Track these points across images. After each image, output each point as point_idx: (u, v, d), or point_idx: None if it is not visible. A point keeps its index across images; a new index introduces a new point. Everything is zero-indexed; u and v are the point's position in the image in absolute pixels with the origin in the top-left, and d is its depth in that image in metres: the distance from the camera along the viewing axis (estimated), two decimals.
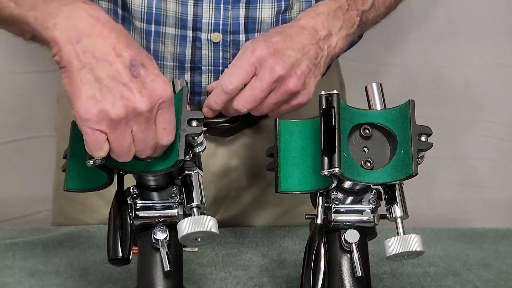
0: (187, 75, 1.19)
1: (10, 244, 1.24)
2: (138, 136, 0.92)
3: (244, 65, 1.08)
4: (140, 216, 1.02)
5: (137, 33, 1.17)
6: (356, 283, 1.00)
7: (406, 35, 1.77)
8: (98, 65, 0.91)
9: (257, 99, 1.09)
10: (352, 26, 1.15)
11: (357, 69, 1.73)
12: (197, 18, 1.15)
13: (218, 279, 1.19)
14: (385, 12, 1.23)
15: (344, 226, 1.02)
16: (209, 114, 1.12)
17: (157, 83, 0.92)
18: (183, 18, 1.15)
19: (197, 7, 1.14)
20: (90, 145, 0.91)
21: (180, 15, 1.14)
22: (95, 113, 0.90)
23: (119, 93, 0.90)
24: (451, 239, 1.31)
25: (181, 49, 1.17)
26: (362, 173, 0.98)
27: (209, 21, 1.15)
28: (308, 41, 1.11)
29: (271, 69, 1.07)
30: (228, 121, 1.23)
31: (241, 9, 1.15)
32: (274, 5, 1.16)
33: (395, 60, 1.80)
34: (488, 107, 1.84)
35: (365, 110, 1.03)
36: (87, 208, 1.33)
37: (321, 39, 1.12)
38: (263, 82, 1.08)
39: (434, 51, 1.80)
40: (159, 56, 1.18)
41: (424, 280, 1.21)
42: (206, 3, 1.14)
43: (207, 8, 1.14)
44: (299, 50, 1.10)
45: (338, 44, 1.13)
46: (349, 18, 1.15)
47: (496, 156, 1.88)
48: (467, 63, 1.80)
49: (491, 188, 1.91)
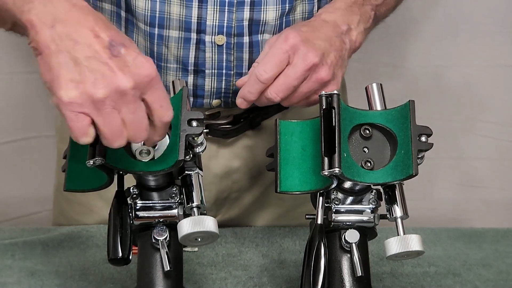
0: (190, 78, 1.19)
1: (10, 244, 1.24)
2: (128, 118, 0.89)
3: (278, 53, 1.09)
4: (140, 216, 1.01)
5: (141, 35, 1.17)
6: (356, 283, 1.00)
7: (406, 35, 1.77)
8: (76, 48, 0.88)
9: (290, 87, 1.09)
10: (368, 21, 1.17)
11: (357, 70, 1.73)
12: (201, 20, 1.15)
13: (218, 279, 1.19)
14: (394, 6, 1.25)
15: (344, 226, 1.02)
16: (243, 105, 1.12)
17: (139, 61, 0.89)
18: (187, 20, 1.14)
19: (202, 9, 1.14)
20: (74, 130, 0.88)
21: (184, 18, 1.14)
22: (76, 96, 0.86)
23: (100, 73, 0.87)
24: (451, 239, 1.31)
25: (185, 51, 1.17)
26: (362, 173, 0.98)
27: (213, 23, 1.15)
28: (333, 33, 1.12)
29: (305, 57, 1.08)
30: (230, 122, 1.23)
31: (246, 11, 1.15)
32: (278, 7, 1.16)
33: (395, 60, 1.80)
34: (488, 107, 1.84)
35: (365, 111, 1.03)
36: (87, 209, 1.33)
37: (343, 33, 1.13)
38: (296, 70, 1.08)
39: (434, 51, 1.80)
40: (162, 59, 1.18)
41: (424, 280, 1.21)
42: (210, 5, 1.14)
43: (212, 11, 1.14)
44: (327, 40, 1.11)
45: (358, 38, 1.15)
46: (364, 13, 1.16)
47: (496, 156, 1.88)
48: (467, 63, 1.80)
49: (491, 188, 1.91)
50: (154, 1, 1.13)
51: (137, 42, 1.18)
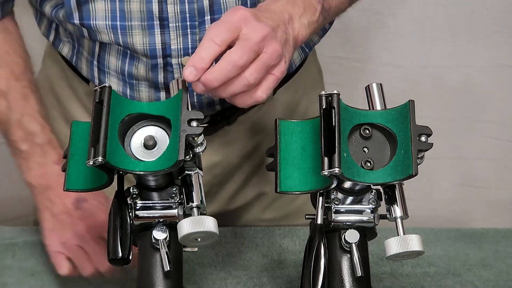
0: (162, 94, 1.19)
1: (10, 244, 1.24)
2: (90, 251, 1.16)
3: (231, 20, 1.01)
4: (140, 216, 1.01)
5: (113, 55, 1.18)
6: (356, 283, 1.00)
7: (406, 35, 1.77)
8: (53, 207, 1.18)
9: (236, 66, 0.98)
10: (314, 14, 1.10)
11: (357, 70, 1.73)
12: (166, 45, 1.14)
13: (218, 279, 1.19)
14: None
15: (344, 226, 1.02)
16: (191, 75, 0.98)
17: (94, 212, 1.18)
18: (151, 48, 1.14)
19: (164, 35, 1.14)
20: (55, 263, 1.18)
21: (149, 46, 1.14)
22: (51, 240, 1.18)
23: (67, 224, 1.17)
24: (451, 239, 1.31)
25: (153, 74, 1.17)
26: (362, 173, 0.98)
27: (177, 47, 1.14)
28: (277, 17, 1.05)
29: (257, 27, 1.00)
30: (208, 122, 1.23)
31: None
32: None
33: (395, 60, 1.80)
34: (488, 107, 1.84)
35: (365, 110, 1.02)
36: None
37: (285, 22, 1.06)
38: (248, 42, 0.99)
39: (434, 51, 1.80)
40: (133, 76, 1.19)
41: (424, 280, 1.21)
42: (172, 31, 1.13)
43: (174, 35, 1.14)
44: (274, 20, 1.04)
45: (301, 32, 1.08)
46: (309, 6, 1.09)
47: (496, 156, 1.88)
48: (467, 63, 1.81)
49: (491, 188, 1.91)
50: (116, 34, 1.13)
51: (108, 61, 1.19)
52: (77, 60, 1.23)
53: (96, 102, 0.97)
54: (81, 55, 1.22)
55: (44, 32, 1.27)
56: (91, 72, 1.22)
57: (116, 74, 1.19)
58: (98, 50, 1.19)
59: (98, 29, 1.13)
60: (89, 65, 1.21)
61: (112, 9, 1.12)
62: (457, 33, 1.78)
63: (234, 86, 0.99)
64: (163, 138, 0.99)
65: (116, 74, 1.19)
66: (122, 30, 1.13)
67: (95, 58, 1.20)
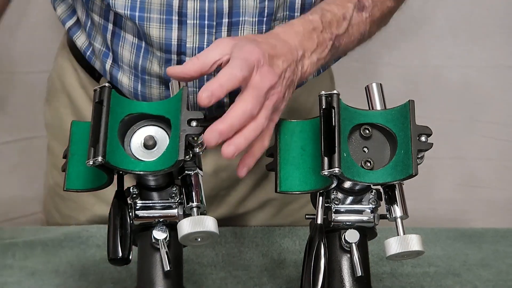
0: None
1: (10, 244, 1.24)
2: None
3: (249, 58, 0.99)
4: (140, 216, 1.02)
5: (127, 48, 1.18)
6: (356, 283, 1.00)
7: (406, 35, 1.77)
8: None
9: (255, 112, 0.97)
10: (323, 50, 1.10)
11: (357, 69, 1.73)
12: (181, 42, 1.14)
13: (218, 279, 1.19)
14: (359, 39, 1.17)
15: (344, 226, 1.02)
16: (206, 101, 0.95)
17: None
18: (167, 43, 1.14)
19: (181, 31, 1.14)
20: None
21: (165, 40, 1.14)
22: None
23: None
24: (450, 239, 1.31)
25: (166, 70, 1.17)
26: (362, 173, 0.98)
27: (193, 46, 1.15)
28: (291, 55, 1.05)
29: (267, 75, 0.99)
30: None
31: (224, 31, 1.14)
32: (254, 28, 1.15)
33: (395, 60, 1.80)
34: (488, 107, 1.84)
35: (365, 110, 1.03)
36: (79, 206, 1.33)
37: (298, 59, 1.06)
38: (260, 93, 0.98)
39: (434, 51, 1.80)
40: (146, 71, 1.19)
41: (424, 280, 1.21)
42: (190, 28, 1.13)
43: (191, 33, 1.14)
44: (286, 60, 1.04)
45: (308, 69, 1.08)
46: (322, 41, 1.09)
47: (496, 156, 1.88)
48: (467, 63, 1.81)
49: (491, 188, 1.91)
50: (134, 23, 1.13)
51: (122, 55, 1.19)
52: (91, 53, 1.23)
53: (96, 102, 0.97)
54: (95, 47, 1.22)
55: (62, 15, 1.26)
56: (103, 65, 1.21)
57: (128, 68, 1.19)
58: (111, 41, 1.19)
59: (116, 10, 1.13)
60: (102, 58, 1.21)
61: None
62: (457, 33, 1.78)
63: (250, 131, 0.98)
64: (163, 138, 0.99)
65: (129, 68, 1.19)
66: (140, 21, 1.13)
67: (110, 50, 1.20)
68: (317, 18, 1.09)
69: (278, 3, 1.15)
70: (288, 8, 1.16)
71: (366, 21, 1.16)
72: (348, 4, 1.13)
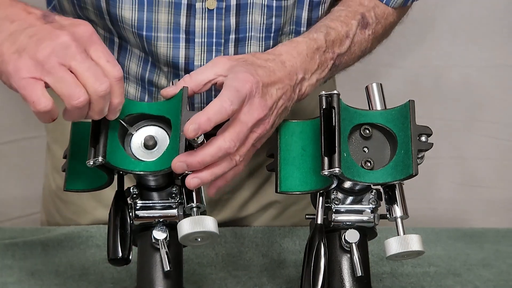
0: None
1: (10, 244, 1.24)
2: (80, 68, 0.88)
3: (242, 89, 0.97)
4: (140, 216, 1.02)
5: (134, 61, 1.17)
6: (356, 283, 1.00)
7: (406, 35, 1.77)
8: (12, 25, 0.91)
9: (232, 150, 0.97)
10: (323, 70, 1.09)
11: (357, 70, 1.73)
12: (189, 60, 1.13)
13: (218, 279, 1.19)
14: (360, 55, 1.17)
15: (344, 226, 1.02)
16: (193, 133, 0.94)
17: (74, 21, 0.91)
18: (174, 61, 1.13)
19: (189, 49, 1.13)
20: (30, 97, 0.88)
21: (172, 59, 1.13)
22: (22, 63, 0.88)
23: (38, 36, 0.89)
24: (451, 239, 1.31)
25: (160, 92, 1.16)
26: (362, 173, 0.98)
27: (200, 64, 1.13)
28: (288, 80, 1.04)
29: (257, 108, 0.98)
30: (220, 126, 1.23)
31: (231, 47, 1.14)
32: (261, 43, 1.14)
33: (395, 60, 1.80)
34: (488, 107, 1.84)
35: (366, 110, 1.03)
36: (80, 209, 1.33)
37: (297, 83, 1.06)
38: (244, 129, 0.98)
39: (434, 52, 1.80)
40: (153, 83, 1.18)
41: (424, 280, 1.21)
42: (198, 47, 1.12)
43: (199, 51, 1.13)
44: (282, 87, 1.03)
45: (307, 90, 1.08)
46: (324, 61, 1.09)
47: (496, 156, 1.88)
48: (467, 63, 1.81)
49: (491, 188, 1.91)
50: (142, 42, 1.12)
51: (129, 67, 1.18)
52: None
53: None
54: None
55: None
56: None
57: (135, 80, 1.19)
58: (118, 53, 1.18)
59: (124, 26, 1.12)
60: None
61: (139, 18, 1.11)
62: (457, 33, 1.78)
63: (220, 168, 0.98)
64: (163, 138, 0.99)
65: (135, 80, 1.19)
66: (148, 39, 1.12)
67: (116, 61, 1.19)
68: (322, 37, 1.09)
69: (285, 19, 1.14)
70: (295, 23, 1.16)
71: (369, 38, 1.16)
72: (353, 21, 1.13)
